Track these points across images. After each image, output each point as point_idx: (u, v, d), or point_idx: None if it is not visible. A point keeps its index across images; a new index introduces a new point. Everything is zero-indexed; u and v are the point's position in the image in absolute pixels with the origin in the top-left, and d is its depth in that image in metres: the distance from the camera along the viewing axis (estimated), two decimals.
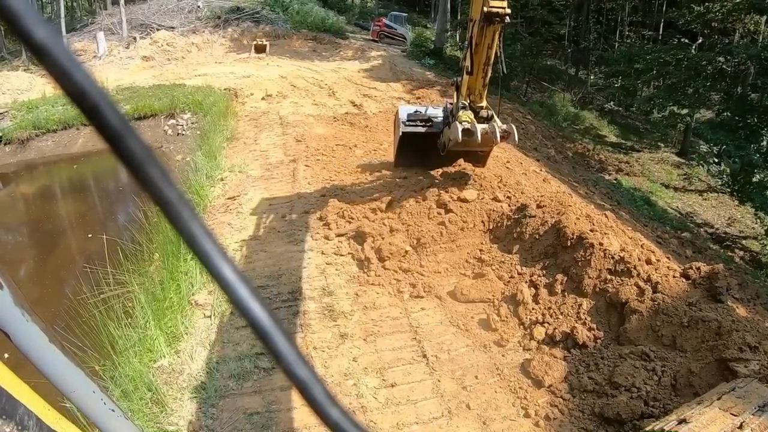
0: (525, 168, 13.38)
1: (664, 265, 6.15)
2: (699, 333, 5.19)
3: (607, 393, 5.01)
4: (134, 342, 5.90)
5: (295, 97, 19.85)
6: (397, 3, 49.03)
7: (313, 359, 5.57)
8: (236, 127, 16.36)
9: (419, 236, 7.66)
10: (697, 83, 20.85)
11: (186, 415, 5.00)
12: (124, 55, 28.71)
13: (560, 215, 7.29)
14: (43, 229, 14.61)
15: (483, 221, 8.07)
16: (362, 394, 5.15)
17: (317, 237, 8.38)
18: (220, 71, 25.04)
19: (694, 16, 23.02)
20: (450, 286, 6.91)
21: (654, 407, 4.81)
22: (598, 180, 20.33)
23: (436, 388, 5.25)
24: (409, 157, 10.30)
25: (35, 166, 18.99)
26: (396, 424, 4.81)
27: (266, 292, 6.83)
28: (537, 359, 5.48)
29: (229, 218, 9.43)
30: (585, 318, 5.95)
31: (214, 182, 11.45)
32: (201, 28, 31.53)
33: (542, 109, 27.39)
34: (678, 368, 5.04)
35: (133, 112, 20.48)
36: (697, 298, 5.61)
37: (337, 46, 30.72)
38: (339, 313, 6.33)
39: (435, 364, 5.60)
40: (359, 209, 8.91)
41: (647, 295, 5.68)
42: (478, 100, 8.32)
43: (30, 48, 0.39)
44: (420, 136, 9.63)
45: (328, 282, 7.06)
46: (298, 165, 11.96)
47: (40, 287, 11.40)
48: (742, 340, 4.99)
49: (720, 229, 21.32)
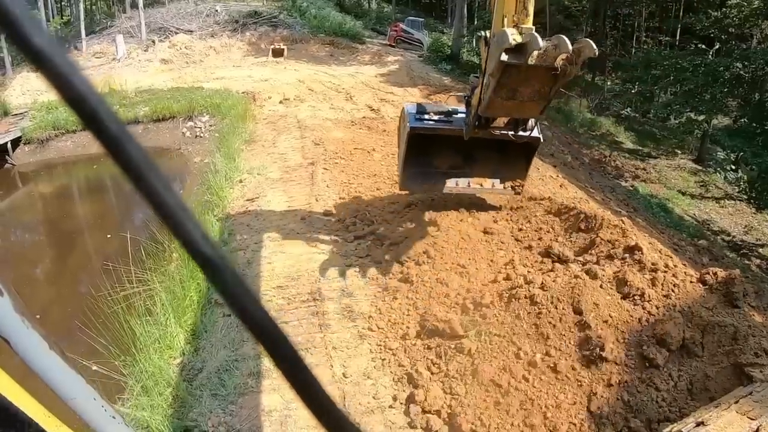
0: (542, 174, 13.43)
1: (681, 271, 6.19)
2: (715, 338, 5.22)
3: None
4: (155, 339, 6.06)
5: (313, 101, 20.04)
6: (414, 8, 49.21)
7: (333, 359, 5.68)
8: (255, 129, 16.56)
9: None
10: (715, 89, 20.73)
11: (205, 411, 5.12)
12: (142, 58, 29.24)
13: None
14: (63, 228, 14.91)
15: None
16: (379, 394, 5.26)
17: (336, 239, 8.50)
18: (238, 75, 25.36)
19: (711, 22, 22.91)
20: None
21: (671, 411, 4.86)
22: (615, 186, 20.22)
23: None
24: (421, 175, 7.87)
25: (54, 165, 19.41)
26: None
27: (285, 292, 6.97)
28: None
29: (248, 219, 9.59)
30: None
31: (233, 184, 11.63)
32: (219, 32, 31.96)
33: (559, 115, 27.31)
34: (694, 372, 5.08)
35: (151, 113, 20.93)
36: (714, 303, 5.65)
37: (354, 51, 30.99)
38: (358, 314, 6.44)
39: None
40: (378, 212, 9.01)
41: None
42: (524, 19, 5.35)
43: (27, 54, 0.39)
44: (437, 138, 7.33)
45: (347, 283, 7.17)
46: (316, 168, 12.09)
47: (60, 285, 11.64)
48: (759, 345, 5.02)
49: (737, 237, 20.92)
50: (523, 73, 5.38)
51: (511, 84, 5.55)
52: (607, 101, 32.16)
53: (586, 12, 31.61)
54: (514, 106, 5.98)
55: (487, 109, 6.03)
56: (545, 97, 5.84)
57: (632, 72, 25.46)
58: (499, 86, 5.56)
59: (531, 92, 5.69)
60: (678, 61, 22.44)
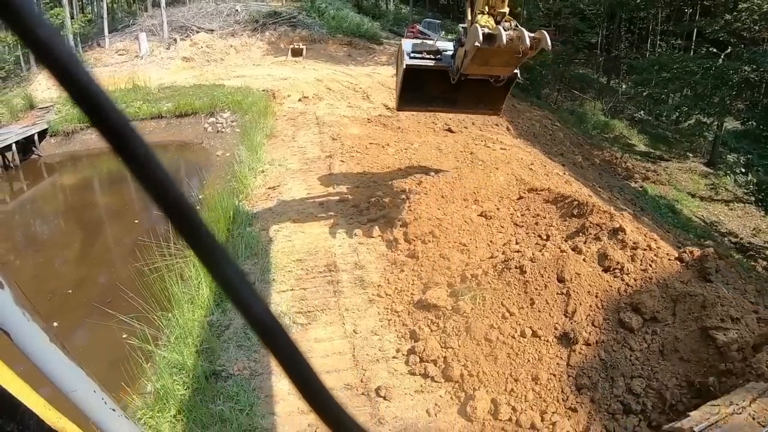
0: (548, 170, 14.01)
1: (662, 251, 6.82)
2: (686, 306, 5.86)
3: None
4: (188, 299, 6.85)
5: (331, 99, 20.73)
6: (432, 10, 49.73)
7: (345, 319, 6.44)
8: (275, 125, 17.32)
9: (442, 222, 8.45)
10: (723, 92, 21.11)
11: (232, 358, 5.92)
12: (165, 56, 30.06)
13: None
14: (93, 213, 15.89)
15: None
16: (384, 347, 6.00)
17: (351, 222, 9.26)
18: (257, 73, 26.10)
19: (721, 25, 23.24)
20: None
21: (643, 369, 5.51)
22: (624, 187, 20.56)
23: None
24: (413, 100, 9.20)
25: (79, 157, 20.22)
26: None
27: (304, 264, 7.77)
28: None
29: (270, 204, 10.37)
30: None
31: (256, 174, 12.42)
32: (239, 32, 32.67)
33: (572, 117, 27.71)
34: (666, 336, 5.72)
35: (174, 109, 21.66)
36: (689, 278, 6.28)
37: (371, 51, 31.61)
38: (369, 283, 7.20)
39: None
40: (390, 199, 9.74)
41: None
42: (499, 5, 6.65)
43: (31, 47, 0.39)
44: (427, 73, 8.44)
45: (360, 258, 7.95)
46: (333, 160, 12.84)
47: (100, 258, 12.62)
48: (725, 312, 5.64)
49: (744, 239, 21.14)
50: (493, 51, 6.66)
51: (484, 57, 6.89)
52: (621, 104, 32.46)
53: (600, 15, 31.90)
54: (487, 70, 7.54)
55: (465, 71, 7.57)
56: (512, 66, 7.38)
57: (644, 74, 25.82)
58: (474, 58, 6.94)
59: (500, 62, 7.14)
60: (688, 64, 22.83)
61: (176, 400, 5.26)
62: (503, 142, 15.29)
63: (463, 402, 5.19)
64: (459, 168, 11.12)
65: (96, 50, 30.38)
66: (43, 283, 11.56)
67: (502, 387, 5.28)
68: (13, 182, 18.85)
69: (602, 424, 5.09)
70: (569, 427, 5.01)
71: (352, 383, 5.50)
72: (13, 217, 16.71)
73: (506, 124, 18.83)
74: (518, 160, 13.40)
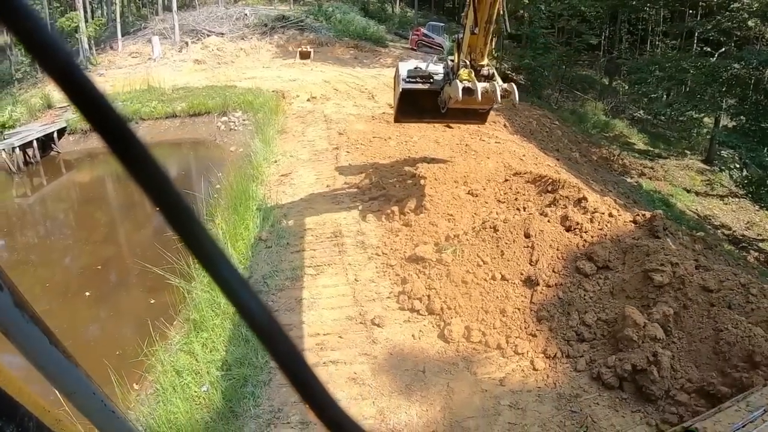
0: (539, 161, 15.00)
1: (621, 216, 7.94)
2: (633, 255, 6.98)
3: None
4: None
5: (338, 99, 21.84)
6: (436, 13, 50.29)
7: (348, 271, 7.66)
8: (285, 123, 18.53)
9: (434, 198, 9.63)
10: (714, 89, 21.80)
11: None
12: (177, 58, 31.05)
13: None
14: (113, 203, 17.14)
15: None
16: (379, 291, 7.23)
17: (355, 200, 10.50)
18: (267, 75, 27.13)
19: (713, 25, 23.92)
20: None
21: (595, 306, 6.64)
22: (619, 182, 20.96)
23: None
24: (409, 113, 10.39)
25: (96, 154, 21.02)
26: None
27: (314, 232, 9.04)
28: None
29: (283, 188, 11.63)
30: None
31: (270, 163, 13.69)
32: (249, 35, 33.68)
33: (572, 117, 28.24)
34: (615, 280, 6.85)
35: (188, 109, 22.78)
36: (640, 235, 7.42)
37: (377, 54, 32.52)
38: (369, 245, 8.44)
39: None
40: (389, 182, 10.94)
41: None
42: (479, 59, 8.03)
43: (29, 50, 0.39)
44: (420, 93, 9.53)
45: (362, 227, 9.21)
46: (340, 151, 14.06)
47: (129, 236, 14.00)
48: (665, 259, 6.73)
49: (737, 231, 21.64)
50: (471, 99, 7.94)
51: (464, 102, 8.16)
52: (622, 104, 32.97)
53: (600, 17, 32.26)
54: (467, 106, 8.94)
55: (451, 106, 8.93)
56: (488, 105, 9.19)
57: (639, 74, 26.52)
58: (456, 103, 8.36)
59: (478, 104, 8.52)
60: (680, 63, 23.57)
61: (208, 325, 6.48)
62: (498, 137, 16.33)
63: (442, 329, 6.39)
64: (453, 157, 12.29)
65: (109, 53, 31.48)
66: (73, 260, 12.86)
67: (474, 317, 6.47)
68: (34, 177, 20.06)
69: (558, 347, 6.22)
70: (529, 348, 6.16)
71: (352, 315, 6.75)
72: (36, 208, 18.01)
73: (503, 122, 19.79)
74: (510, 152, 14.47)
